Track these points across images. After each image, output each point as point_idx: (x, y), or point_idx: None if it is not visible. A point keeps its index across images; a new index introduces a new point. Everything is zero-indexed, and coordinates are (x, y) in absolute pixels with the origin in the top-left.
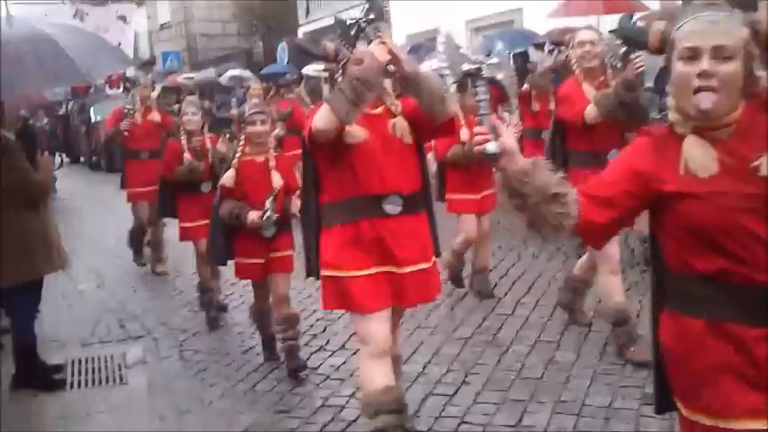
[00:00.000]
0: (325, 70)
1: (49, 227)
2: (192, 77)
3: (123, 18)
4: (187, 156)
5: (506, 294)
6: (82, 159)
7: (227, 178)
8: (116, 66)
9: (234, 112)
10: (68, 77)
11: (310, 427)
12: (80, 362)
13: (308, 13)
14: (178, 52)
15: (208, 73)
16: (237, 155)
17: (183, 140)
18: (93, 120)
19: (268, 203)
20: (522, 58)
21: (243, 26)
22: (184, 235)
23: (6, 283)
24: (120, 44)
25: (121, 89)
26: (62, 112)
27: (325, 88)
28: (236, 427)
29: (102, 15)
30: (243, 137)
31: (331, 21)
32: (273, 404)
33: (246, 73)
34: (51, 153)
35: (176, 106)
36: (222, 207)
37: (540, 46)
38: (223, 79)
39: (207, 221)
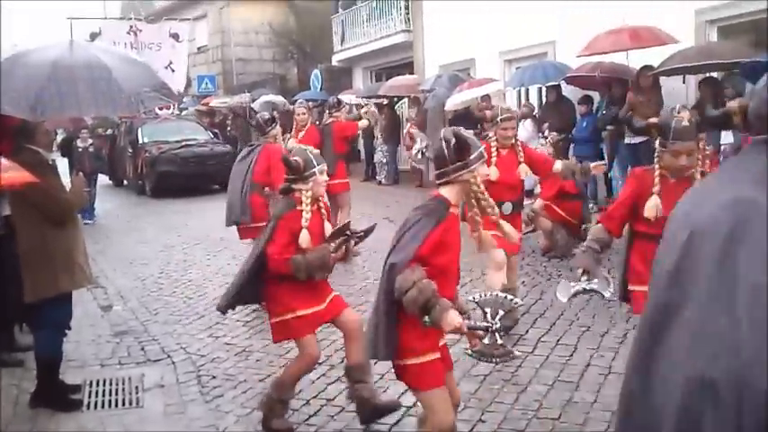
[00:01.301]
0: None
1: (74, 245)
2: (226, 102)
3: (176, 36)
4: None
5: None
6: (125, 182)
7: (305, 241)
8: (163, 101)
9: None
10: (116, 107)
11: None
12: (98, 383)
13: (342, 40)
14: (213, 76)
15: (242, 97)
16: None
17: None
18: (140, 141)
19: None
20: (556, 91)
21: (278, 52)
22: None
23: (29, 298)
24: (171, 62)
25: (171, 110)
26: (109, 132)
27: None
28: None
29: (155, 32)
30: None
31: (364, 49)
32: None
33: (279, 98)
34: (94, 175)
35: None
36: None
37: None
38: (256, 105)
39: None
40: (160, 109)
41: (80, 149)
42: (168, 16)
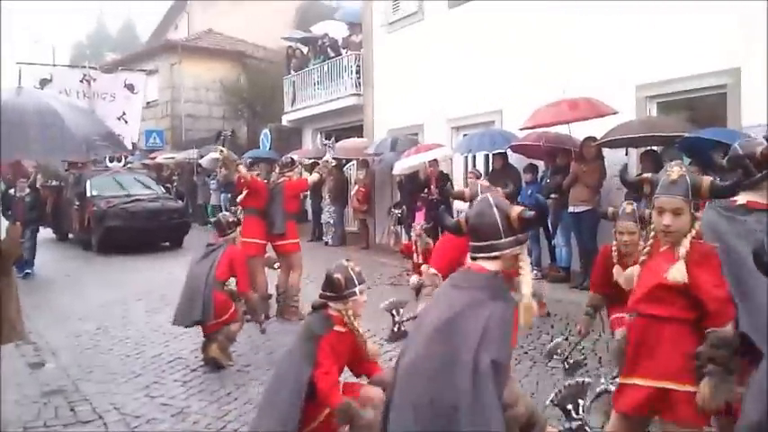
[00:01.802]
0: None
1: (6, 299)
2: (174, 157)
3: (131, 87)
4: None
5: None
6: (70, 236)
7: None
8: (112, 150)
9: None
10: (67, 151)
11: None
12: None
13: (293, 101)
14: (162, 131)
15: (189, 153)
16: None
17: None
18: (88, 194)
19: None
20: (502, 158)
21: (228, 110)
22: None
23: None
24: (124, 113)
25: (123, 163)
26: (55, 183)
27: None
28: None
29: (109, 82)
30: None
31: (315, 111)
32: None
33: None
34: (32, 226)
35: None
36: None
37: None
38: (204, 161)
39: None
40: (110, 161)
41: (16, 198)
42: (123, 67)
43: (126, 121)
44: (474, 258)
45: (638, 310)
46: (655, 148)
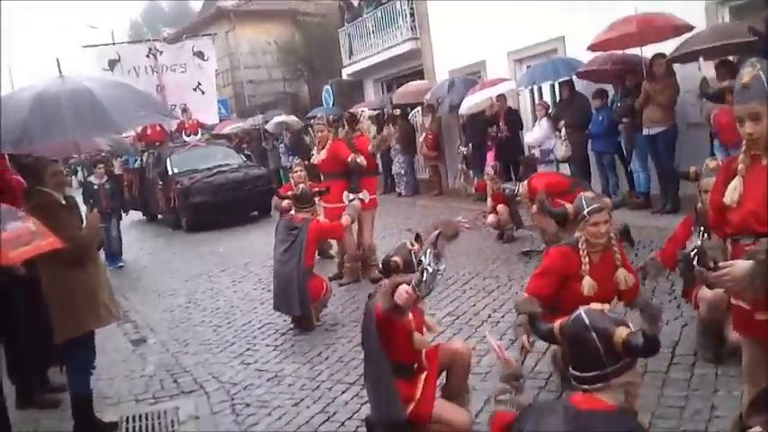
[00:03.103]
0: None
1: (97, 283)
2: (240, 126)
3: (200, 54)
4: None
5: None
6: (160, 217)
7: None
8: (150, 118)
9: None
10: (99, 126)
11: None
12: (134, 418)
13: (351, 54)
14: (225, 99)
15: (255, 120)
16: None
17: None
18: (170, 172)
19: None
20: (568, 87)
21: (287, 71)
22: None
23: (58, 339)
24: (199, 83)
25: (199, 135)
26: (137, 165)
27: None
28: None
29: (176, 53)
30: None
31: (373, 61)
32: None
33: (292, 118)
34: (115, 214)
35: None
36: None
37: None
38: (270, 126)
39: None
40: (188, 135)
41: (95, 186)
42: (188, 35)
43: (203, 92)
44: (578, 388)
45: (755, 230)
46: (730, 57)
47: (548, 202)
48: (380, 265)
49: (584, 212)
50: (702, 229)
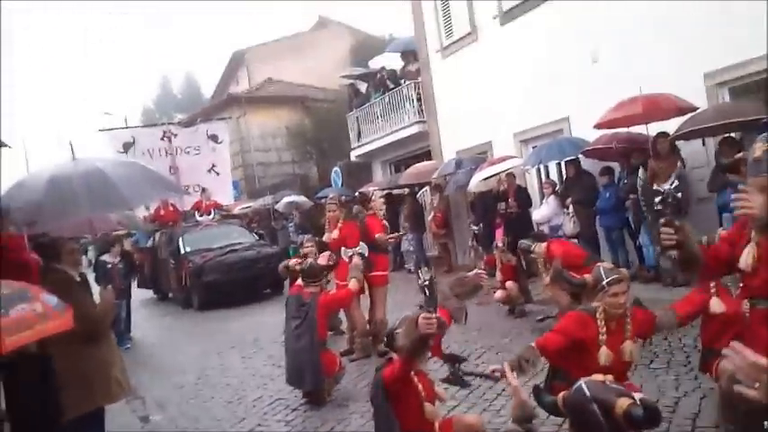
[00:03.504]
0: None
1: (110, 358)
2: (250, 206)
3: (215, 137)
4: None
5: None
6: (171, 295)
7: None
8: (160, 194)
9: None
10: (111, 203)
11: None
12: None
13: (359, 136)
14: (236, 181)
15: (265, 200)
16: None
17: None
18: (182, 251)
19: None
20: (575, 165)
21: (297, 154)
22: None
23: (69, 415)
24: (213, 165)
25: (212, 216)
26: (149, 244)
27: None
28: None
29: (191, 136)
30: None
31: (381, 143)
32: None
33: (301, 198)
34: (124, 291)
35: None
36: None
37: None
38: (279, 206)
39: None
40: (200, 215)
41: (108, 266)
42: (202, 118)
43: (217, 173)
44: None
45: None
46: (733, 134)
47: (565, 272)
48: (385, 339)
49: (604, 283)
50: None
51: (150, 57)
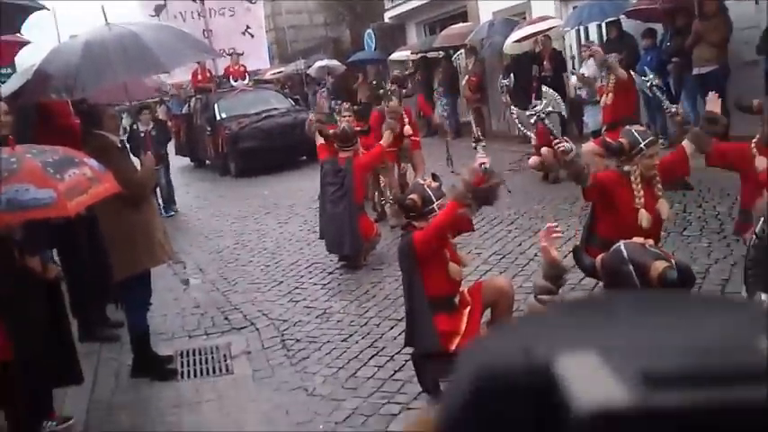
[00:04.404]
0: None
1: (151, 223)
2: (282, 71)
3: None
4: None
5: None
6: (208, 162)
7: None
8: (195, 56)
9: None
10: (147, 66)
11: (412, 412)
12: (188, 353)
13: None
14: (268, 45)
15: (297, 65)
16: None
17: None
18: (218, 118)
19: None
20: (616, 26)
21: (329, 16)
22: None
23: (117, 277)
24: (248, 27)
25: (246, 80)
26: (185, 110)
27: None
28: (339, 414)
29: None
30: None
31: (415, 3)
32: (375, 390)
33: (334, 62)
34: (161, 158)
35: None
36: None
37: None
38: (312, 71)
39: None
40: (235, 80)
41: (142, 134)
42: None
43: (252, 35)
44: None
45: None
46: None
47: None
48: (397, 206)
49: (642, 145)
50: None
51: None
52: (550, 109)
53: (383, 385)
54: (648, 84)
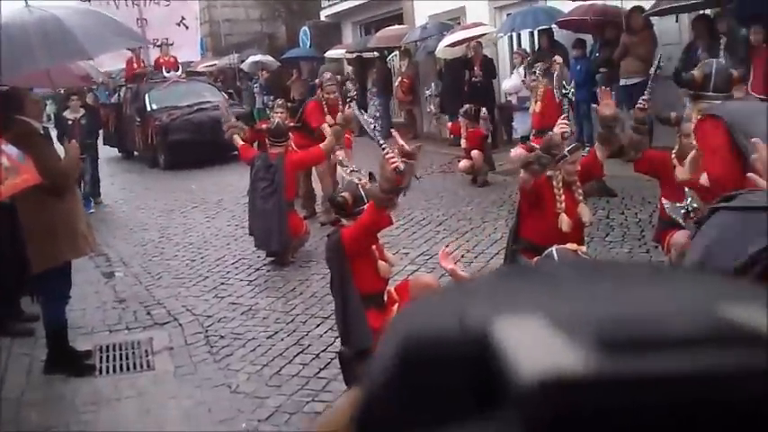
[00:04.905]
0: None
1: (74, 214)
2: (215, 64)
3: None
4: None
5: None
6: (136, 154)
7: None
8: (122, 44)
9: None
10: (69, 53)
11: (326, 410)
12: (108, 348)
13: None
14: (201, 38)
15: (230, 59)
16: None
17: None
18: (148, 108)
19: None
20: (547, 35)
21: (265, 11)
22: None
23: (36, 269)
24: (183, 18)
25: (180, 71)
26: (114, 100)
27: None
28: (262, 412)
29: None
30: None
31: (352, 3)
32: (299, 388)
33: (268, 58)
34: (88, 147)
35: None
36: None
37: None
38: (245, 65)
39: None
40: (168, 71)
41: (70, 122)
42: None
43: (186, 26)
44: None
45: None
46: (708, 11)
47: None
48: (329, 203)
49: (566, 151)
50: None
51: None
52: None
53: (308, 383)
54: (566, 93)
